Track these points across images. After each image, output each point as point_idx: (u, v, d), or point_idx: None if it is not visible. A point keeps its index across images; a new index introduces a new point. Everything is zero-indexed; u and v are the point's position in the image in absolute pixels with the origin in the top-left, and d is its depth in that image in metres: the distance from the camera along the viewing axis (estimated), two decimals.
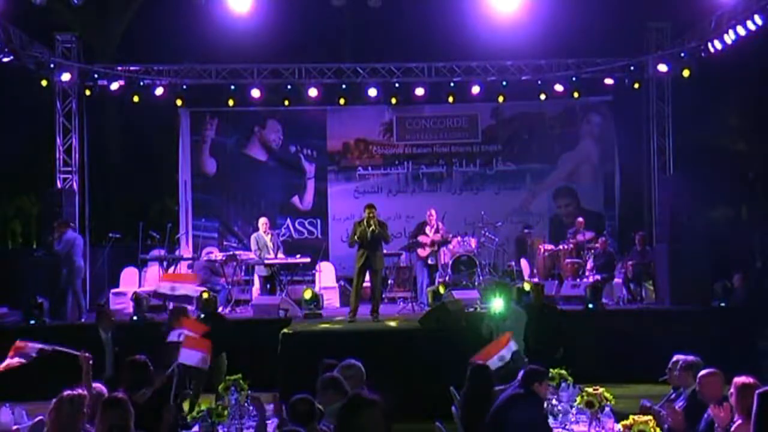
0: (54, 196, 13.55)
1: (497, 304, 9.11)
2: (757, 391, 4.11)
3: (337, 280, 14.64)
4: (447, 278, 13.57)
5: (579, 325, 11.49)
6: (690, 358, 6.25)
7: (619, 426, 5.64)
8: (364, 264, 11.50)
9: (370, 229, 11.31)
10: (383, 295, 13.94)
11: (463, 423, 6.51)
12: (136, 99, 14.78)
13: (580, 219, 14.82)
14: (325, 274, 14.59)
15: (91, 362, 6.34)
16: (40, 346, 6.49)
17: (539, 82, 15.01)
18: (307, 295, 12.44)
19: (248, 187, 16.43)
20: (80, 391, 5.17)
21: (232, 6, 11.37)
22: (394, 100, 15.16)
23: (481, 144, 16.46)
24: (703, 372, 5.79)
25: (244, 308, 13.21)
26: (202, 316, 9.70)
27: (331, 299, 13.97)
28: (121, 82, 14.60)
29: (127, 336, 11.30)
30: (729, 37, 12.31)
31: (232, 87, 14.85)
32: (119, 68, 14.71)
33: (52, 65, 13.63)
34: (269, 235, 13.63)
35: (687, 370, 6.14)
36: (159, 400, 6.01)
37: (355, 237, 11.51)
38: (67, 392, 5.00)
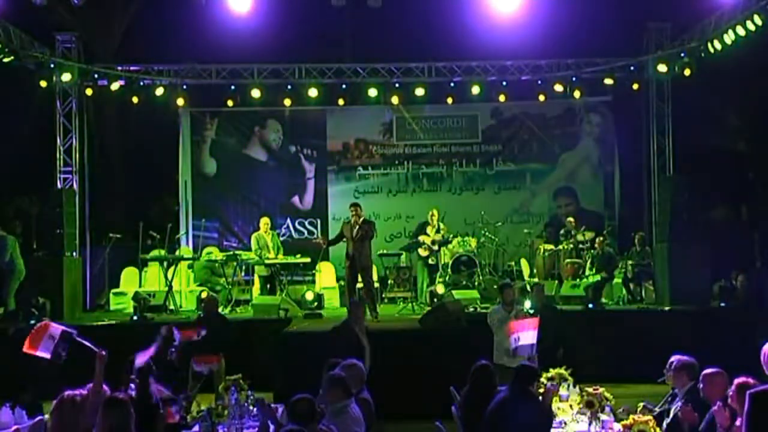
0: (54, 196, 13.55)
1: (527, 304, 9.24)
2: (748, 392, 4.12)
3: (337, 280, 14.64)
4: (447, 278, 13.58)
5: (579, 325, 11.50)
6: (684, 358, 6.26)
7: (619, 426, 5.65)
8: (352, 263, 11.55)
9: (356, 228, 11.42)
10: (382, 296, 13.97)
11: (463, 423, 6.51)
12: (136, 99, 14.78)
13: (571, 219, 14.81)
14: (325, 274, 14.60)
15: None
16: (63, 328, 6.25)
17: (539, 82, 15.00)
18: (308, 295, 12.46)
19: (248, 187, 16.44)
20: (81, 390, 5.17)
21: (232, 6, 11.37)
22: (394, 100, 15.15)
23: (481, 144, 16.47)
24: (707, 371, 5.81)
25: (244, 308, 13.21)
26: (203, 316, 9.69)
27: (331, 299, 13.97)
28: (121, 82, 14.59)
29: (128, 336, 11.38)
30: (729, 37, 12.31)
31: (232, 87, 14.85)
32: (119, 68, 14.69)
33: (52, 65, 13.62)
34: (270, 235, 13.64)
35: (680, 371, 6.16)
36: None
37: (337, 236, 11.74)
38: (68, 392, 5.00)
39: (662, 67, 14.09)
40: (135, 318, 12.18)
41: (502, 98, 15.08)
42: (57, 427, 4.89)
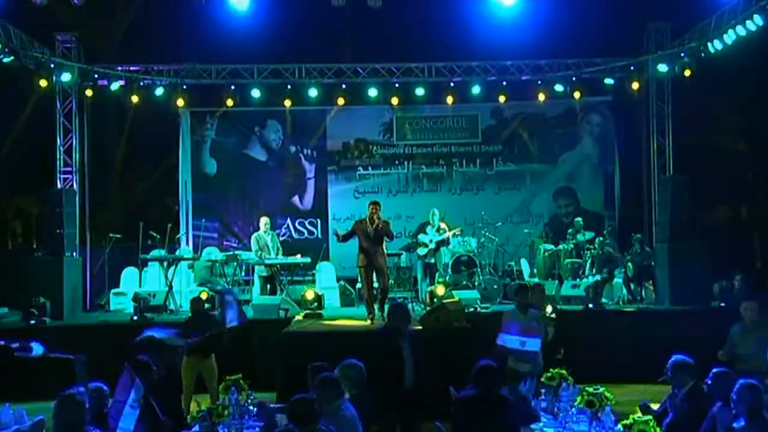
0: (54, 196, 13.53)
1: (549, 308, 9.15)
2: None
3: (337, 280, 14.64)
4: (447, 278, 13.57)
5: (579, 325, 11.49)
6: (684, 358, 6.30)
7: (619, 426, 5.65)
8: (369, 263, 11.27)
9: (373, 225, 11.14)
10: None
11: (455, 422, 6.46)
12: (136, 99, 14.78)
13: (579, 218, 14.84)
14: (325, 274, 14.59)
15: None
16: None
17: (539, 82, 15.02)
18: (308, 295, 12.44)
19: (248, 187, 16.44)
20: (81, 389, 5.18)
21: (232, 6, 11.37)
22: (394, 100, 15.14)
23: (481, 144, 16.47)
24: (717, 370, 5.86)
25: (244, 308, 13.17)
26: (191, 317, 9.62)
27: (331, 299, 13.96)
28: (121, 82, 14.60)
29: (128, 336, 11.38)
30: (729, 37, 12.32)
31: (232, 87, 14.86)
32: (119, 68, 14.70)
33: (52, 65, 13.61)
34: (270, 235, 13.64)
35: (680, 371, 6.19)
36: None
37: (345, 233, 11.21)
38: (68, 391, 5.00)
39: (662, 67, 14.11)
40: (135, 318, 12.17)
41: (502, 98, 15.09)
42: (59, 426, 4.90)
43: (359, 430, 5.67)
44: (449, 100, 15.12)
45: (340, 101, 15.07)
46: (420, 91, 14.95)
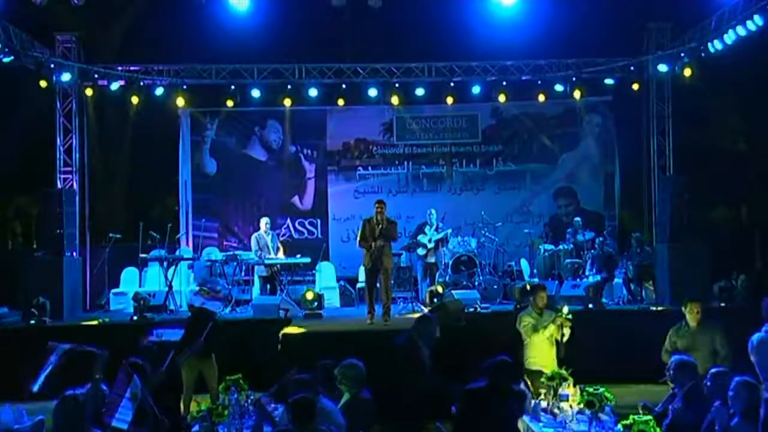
0: (54, 196, 13.53)
1: (566, 309, 9.11)
2: None
3: (337, 280, 14.64)
4: (447, 278, 13.57)
5: (579, 325, 11.47)
6: (684, 358, 6.32)
7: (619, 426, 5.65)
8: (374, 264, 11.27)
9: (379, 226, 11.15)
10: None
11: (460, 419, 6.45)
12: (136, 99, 14.78)
13: (578, 218, 14.85)
14: (325, 274, 14.60)
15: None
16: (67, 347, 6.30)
17: (539, 82, 15.03)
18: (309, 295, 12.44)
19: (248, 187, 16.46)
20: (82, 390, 5.18)
21: (232, 6, 11.37)
22: (394, 100, 15.14)
23: (481, 144, 16.48)
24: (715, 370, 5.87)
25: (244, 308, 13.20)
26: (190, 316, 9.60)
27: (331, 299, 13.97)
28: (121, 82, 14.61)
29: (128, 336, 11.38)
30: (729, 37, 12.32)
31: (232, 87, 14.87)
32: (119, 68, 14.71)
33: (52, 65, 13.62)
34: (270, 235, 13.64)
35: (681, 371, 6.20)
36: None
37: (365, 236, 11.27)
38: (69, 391, 5.01)
39: (662, 67, 14.11)
40: (135, 318, 12.17)
41: (502, 98, 15.09)
42: (59, 425, 4.91)
43: (343, 425, 5.68)
44: (449, 100, 15.12)
45: (340, 101, 15.08)
46: (420, 91, 14.96)
